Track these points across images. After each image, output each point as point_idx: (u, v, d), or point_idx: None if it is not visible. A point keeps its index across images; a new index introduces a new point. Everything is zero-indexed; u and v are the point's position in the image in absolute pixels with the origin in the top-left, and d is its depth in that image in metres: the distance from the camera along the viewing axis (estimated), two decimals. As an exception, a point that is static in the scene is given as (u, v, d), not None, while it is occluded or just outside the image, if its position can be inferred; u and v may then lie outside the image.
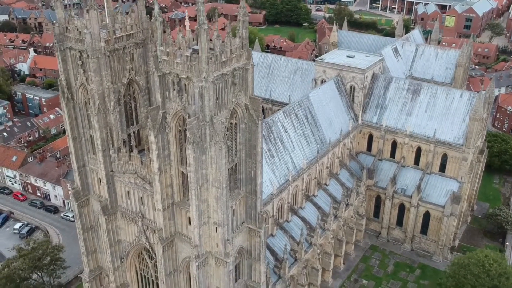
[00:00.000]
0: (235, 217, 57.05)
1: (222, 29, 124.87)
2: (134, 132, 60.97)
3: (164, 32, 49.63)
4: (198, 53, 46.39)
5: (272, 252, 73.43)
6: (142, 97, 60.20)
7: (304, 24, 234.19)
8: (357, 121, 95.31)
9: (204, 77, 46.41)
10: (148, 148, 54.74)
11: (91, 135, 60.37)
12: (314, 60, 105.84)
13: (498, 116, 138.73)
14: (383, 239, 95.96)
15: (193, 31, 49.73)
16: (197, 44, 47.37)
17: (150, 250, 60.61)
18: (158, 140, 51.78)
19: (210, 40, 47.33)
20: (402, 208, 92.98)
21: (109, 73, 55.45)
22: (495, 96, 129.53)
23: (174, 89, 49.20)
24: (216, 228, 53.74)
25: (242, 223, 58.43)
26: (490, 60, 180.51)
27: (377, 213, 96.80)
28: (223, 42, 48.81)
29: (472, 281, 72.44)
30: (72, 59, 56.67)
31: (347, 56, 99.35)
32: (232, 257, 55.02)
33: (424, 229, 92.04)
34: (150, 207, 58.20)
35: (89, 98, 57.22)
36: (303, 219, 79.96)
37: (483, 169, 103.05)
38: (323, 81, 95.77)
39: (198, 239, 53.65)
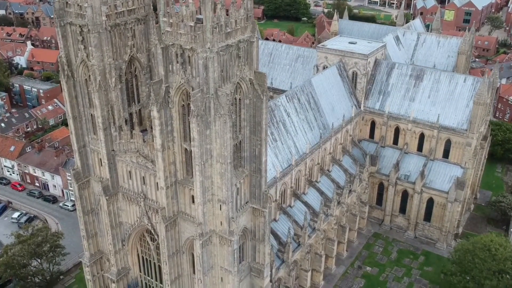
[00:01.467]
0: (239, 197, 55.92)
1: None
2: (135, 111, 59.76)
3: (167, 4, 48.52)
4: (202, 23, 45.27)
5: (276, 236, 72.39)
6: (143, 75, 59.08)
7: (303, 18, 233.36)
8: (360, 107, 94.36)
9: (209, 48, 45.33)
10: (151, 127, 53.60)
11: (91, 114, 59.19)
12: (315, 47, 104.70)
13: (499, 107, 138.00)
14: (386, 227, 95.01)
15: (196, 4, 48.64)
16: (201, 15, 46.24)
17: (152, 231, 59.44)
18: (161, 116, 50.64)
19: (214, 10, 46.20)
20: (405, 195, 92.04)
21: (110, 49, 54.30)
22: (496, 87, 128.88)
23: (177, 62, 48.11)
24: (220, 205, 52.61)
25: (246, 202, 57.28)
26: (490, 52, 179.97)
27: (380, 200, 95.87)
28: (227, 14, 47.74)
29: (479, 266, 71.55)
30: (73, 35, 55.48)
31: (349, 43, 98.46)
32: (237, 235, 53.90)
33: (428, 216, 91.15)
34: (153, 187, 57.03)
35: (89, 76, 56.05)
36: (306, 204, 78.93)
37: (487, 157, 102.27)
38: (325, 68, 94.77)
39: (202, 217, 52.53)
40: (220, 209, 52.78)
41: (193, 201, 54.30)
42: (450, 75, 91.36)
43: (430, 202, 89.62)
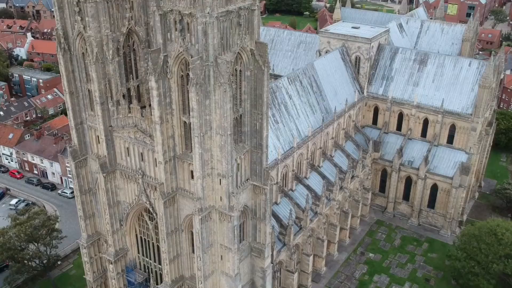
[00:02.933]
0: (240, 173, 54.44)
1: None
2: (134, 87, 58.30)
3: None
4: (201, -13, 43.87)
5: (277, 219, 71.02)
6: (142, 50, 57.59)
7: (305, 13, 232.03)
8: (363, 93, 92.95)
9: (208, 13, 43.88)
10: (149, 104, 52.02)
11: (89, 90, 57.72)
12: (318, 32, 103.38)
13: (503, 97, 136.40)
14: (389, 214, 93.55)
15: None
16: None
17: (151, 209, 57.94)
18: (159, 86, 49.19)
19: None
20: (408, 182, 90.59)
21: (108, 20, 52.84)
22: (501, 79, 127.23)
23: (176, 29, 46.70)
24: (220, 180, 51.10)
25: (247, 180, 55.78)
26: (494, 45, 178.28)
27: (383, 187, 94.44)
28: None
29: (485, 250, 70.11)
30: (69, 6, 54.00)
31: (352, 27, 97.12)
32: (237, 211, 52.38)
33: (432, 203, 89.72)
34: (151, 163, 55.56)
35: (86, 49, 54.62)
36: (308, 188, 77.52)
37: (491, 144, 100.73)
38: (327, 53, 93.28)
39: (201, 191, 51.03)
40: (220, 183, 51.26)
41: (192, 177, 52.80)
42: (455, 59, 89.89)
43: (434, 188, 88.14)
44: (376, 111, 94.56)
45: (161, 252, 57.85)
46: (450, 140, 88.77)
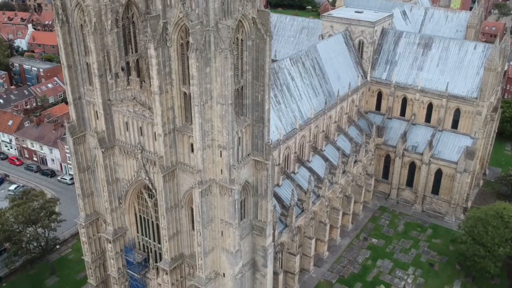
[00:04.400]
0: (241, 147, 53.20)
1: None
2: (133, 61, 57.12)
3: None
4: (202, -51, 42.70)
5: (279, 200, 69.85)
6: (141, 23, 56.37)
7: (307, 7, 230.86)
8: (366, 78, 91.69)
9: (209, -25, 42.75)
10: (149, 78, 50.85)
11: (87, 63, 56.59)
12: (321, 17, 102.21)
13: (508, 88, 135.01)
14: (392, 201, 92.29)
15: None
16: None
17: (150, 185, 56.70)
18: (159, 54, 47.96)
19: None
20: (412, 168, 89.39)
21: (107, -11, 51.76)
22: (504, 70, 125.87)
23: (176, -6, 45.50)
24: (220, 152, 49.85)
25: (248, 155, 54.53)
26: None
27: (386, 174, 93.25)
28: None
29: (491, 233, 68.79)
30: (67, -25, 53.03)
31: (356, 12, 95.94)
32: (238, 184, 51.11)
33: (436, 189, 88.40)
34: (150, 137, 54.32)
35: (85, 20, 53.47)
36: (310, 170, 76.32)
37: (496, 131, 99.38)
38: (330, 37, 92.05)
39: (202, 163, 49.78)
40: (221, 155, 49.99)
41: (193, 150, 51.57)
42: (460, 43, 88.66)
43: (438, 174, 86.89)
44: (379, 96, 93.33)
45: (160, 229, 56.61)
46: (455, 125, 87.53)
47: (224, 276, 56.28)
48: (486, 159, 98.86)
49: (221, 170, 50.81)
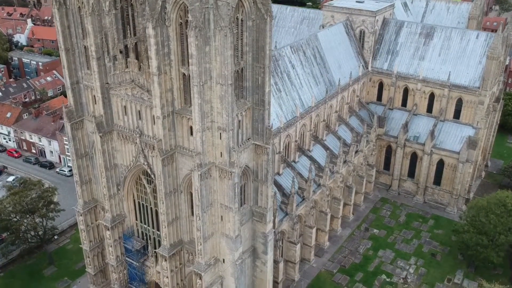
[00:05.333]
0: (241, 130, 52.43)
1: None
2: (131, 44, 56.29)
3: None
4: None
5: (279, 188, 69.04)
6: (140, 5, 55.54)
7: (307, 3, 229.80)
8: (367, 68, 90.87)
9: (208, -50, 42.00)
10: (147, 59, 50.12)
11: (85, 46, 55.85)
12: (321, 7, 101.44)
13: (510, 82, 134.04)
14: (393, 192, 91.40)
15: None
16: None
17: (149, 170, 55.90)
18: (157, 34, 47.20)
19: None
20: (414, 159, 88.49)
21: (105, -30, 50.99)
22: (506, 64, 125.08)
23: (175, -28, 44.75)
24: (220, 134, 49.05)
25: (248, 139, 53.75)
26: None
27: (387, 165, 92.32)
28: None
29: (494, 221, 67.97)
30: (65, -44, 52.28)
31: (357, 1, 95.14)
32: (238, 168, 50.29)
33: (437, 180, 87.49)
34: (149, 121, 53.54)
35: (82, 2, 52.74)
36: (311, 159, 75.47)
37: (498, 122, 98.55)
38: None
39: (201, 146, 48.97)
40: (220, 137, 49.21)
41: (192, 133, 50.80)
42: (462, 32, 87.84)
43: (440, 164, 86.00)
44: (380, 87, 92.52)
45: (159, 214, 55.76)
46: (457, 115, 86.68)
47: (223, 262, 55.50)
48: (488, 150, 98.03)
49: (221, 153, 50.02)
